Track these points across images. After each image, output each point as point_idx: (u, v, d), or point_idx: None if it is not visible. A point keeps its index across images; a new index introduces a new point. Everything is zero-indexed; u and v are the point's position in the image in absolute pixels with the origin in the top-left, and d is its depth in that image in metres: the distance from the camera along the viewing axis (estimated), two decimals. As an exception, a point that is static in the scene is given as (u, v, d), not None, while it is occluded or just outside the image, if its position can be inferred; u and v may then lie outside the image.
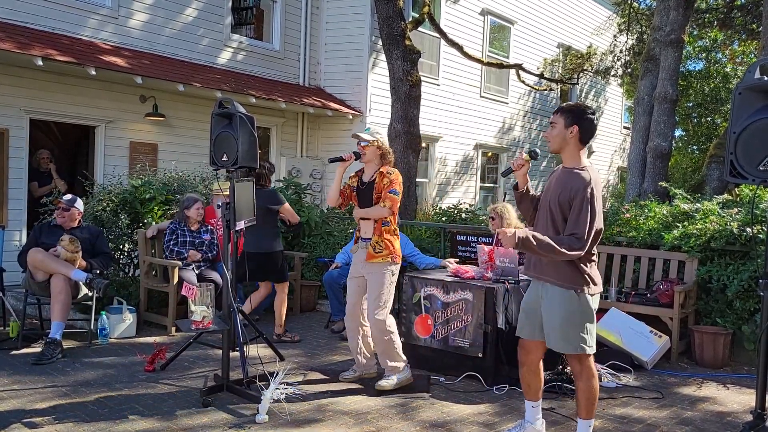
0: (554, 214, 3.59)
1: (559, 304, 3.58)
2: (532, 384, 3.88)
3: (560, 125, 3.59)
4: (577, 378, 3.69)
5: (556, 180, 3.66)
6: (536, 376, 3.87)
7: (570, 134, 3.58)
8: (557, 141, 3.62)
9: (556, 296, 3.60)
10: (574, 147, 3.61)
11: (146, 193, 7.21)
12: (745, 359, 5.94)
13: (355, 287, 4.90)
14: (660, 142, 9.52)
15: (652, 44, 10.44)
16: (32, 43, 7.83)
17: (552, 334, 3.63)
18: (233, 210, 4.55)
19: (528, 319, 3.79)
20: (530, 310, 3.77)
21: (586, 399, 3.66)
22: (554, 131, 3.62)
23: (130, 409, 4.29)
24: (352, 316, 4.92)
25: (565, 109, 3.64)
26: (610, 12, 18.06)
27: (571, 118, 3.57)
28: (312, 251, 8.17)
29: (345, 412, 4.39)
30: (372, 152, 4.73)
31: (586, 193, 3.47)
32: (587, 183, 3.49)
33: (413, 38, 9.75)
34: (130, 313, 6.24)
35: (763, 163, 3.22)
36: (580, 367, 3.65)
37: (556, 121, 3.62)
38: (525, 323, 3.81)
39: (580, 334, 3.57)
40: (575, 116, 3.57)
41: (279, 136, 11.50)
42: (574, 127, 3.56)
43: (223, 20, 10.61)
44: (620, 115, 20.25)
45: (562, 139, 3.60)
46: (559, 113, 3.63)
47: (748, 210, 6.13)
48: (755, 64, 3.32)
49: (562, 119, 3.59)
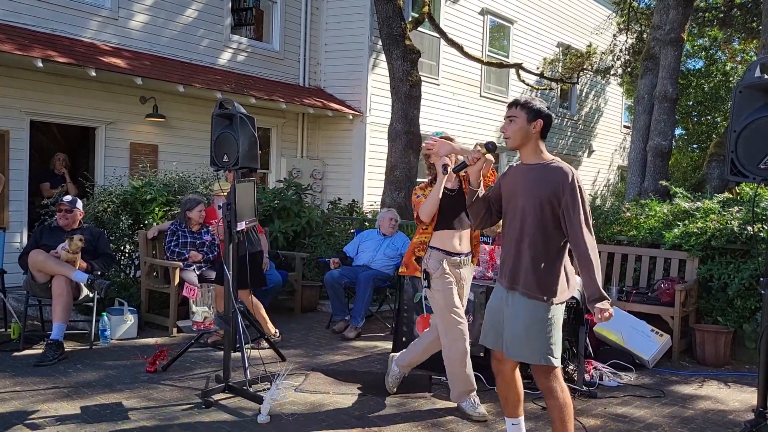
0: (543, 214, 3.28)
1: (524, 312, 3.29)
2: (508, 397, 3.58)
3: (521, 119, 3.33)
4: (547, 395, 3.34)
5: (525, 178, 3.36)
6: (512, 389, 3.55)
7: (534, 129, 3.33)
8: (519, 136, 3.35)
9: (521, 303, 3.31)
10: (537, 142, 3.37)
11: (147, 194, 7.22)
12: (747, 358, 5.94)
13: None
14: (660, 141, 9.53)
15: (652, 43, 10.44)
16: (32, 44, 7.84)
17: (514, 342, 3.32)
18: (234, 211, 4.55)
19: (491, 328, 3.48)
20: (494, 316, 3.47)
21: (560, 417, 3.31)
22: (514, 126, 3.35)
23: (131, 410, 4.29)
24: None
25: (524, 103, 3.37)
26: (610, 11, 18.06)
27: (534, 112, 3.32)
28: (313, 251, 8.18)
29: (346, 412, 4.39)
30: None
31: (574, 184, 3.24)
32: (571, 174, 3.27)
33: (413, 38, 9.75)
34: (131, 314, 6.24)
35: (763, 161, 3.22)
36: (548, 384, 3.31)
37: (516, 115, 3.34)
38: (489, 330, 3.50)
39: (548, 345, 3.26)
40: (537, 110, 3.33)
41: (279, 137, 11.50)
42: (539, 122, 3.33)
43: (223, 21, 10.62)
44: (620, 114, 20.25)
45: (525, 134, 3.34)
46: (518, 107, 3.36)
47: (748, 208, 6.13)
48: (755, 62, 3.32)
49: (523, 113, 3.33)
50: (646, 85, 10.33)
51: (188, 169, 8.33)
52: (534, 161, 3.37)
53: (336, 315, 6.80)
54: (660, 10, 10.33)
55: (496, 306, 3.48)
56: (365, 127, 11.59)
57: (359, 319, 6.56)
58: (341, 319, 6.75)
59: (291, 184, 8.77)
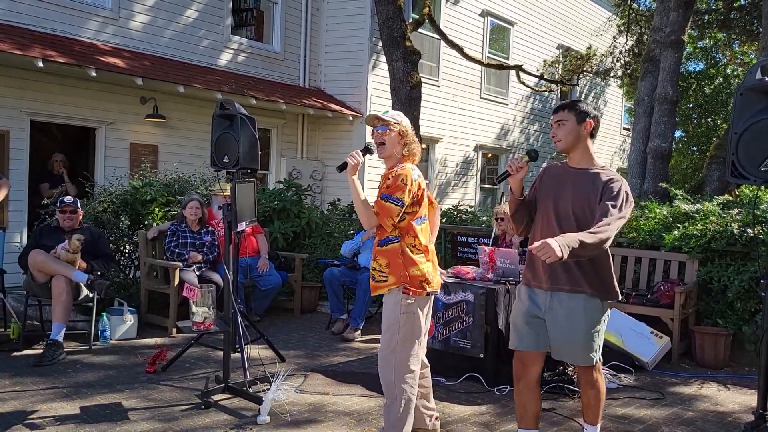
0: (586, 221, 3.23)
1: (584, 312, 3.29)
2: (528, 406, 3.44)
3: (571, 121, 3.31)
4: (590, 387, 3.45)
5: (574, 182, 3.33)
6: (534, 395, 3.45)
7: (584, 130, 3.32)
8: (569, 139, 3.33)
9: (579, 305, 3.28)
10: (587, 144, 3.36)
11: (147, 194, 7.22)
12: (746, 360, 5.94)
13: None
14: (660, 143, 9.54)
15: (652, 45, 10.45)
16: (33, 44, 7.84)
17: (568, 346, 3.34)
18: (234, 211, 4.55)
19: (531, 330, 3.39)
20: (532, 320, 3.40)
21: (598, 405, 3.49)
22: (565, 128, 3.33)
23: (131, 410, 4.29)
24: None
25: (572, 105, 3.36)
26: (610, 13, 18.07)
27: (584, 114, 3.32)
28: (313, 252, 8.17)
29: (346, 412, 4.39)
30: (393, 142, 3.58)
31: (622, 189, 3.22)
32: (621, 181, 3.25)
33: (413, 39, 9.76)
34: (130, 314, 6.24)
35: (764, 163, 3.22)
36: (593, 377, 3.43)
37: (565, 118, 3.33)
38: (526, 334, 3.40)
39: (599, 345, 3.37)
40: (586, 111, 3.33)
41: (279, 138, 11.51)
42: (588, 122, 3.32)
43: (224, 22, 10.62)
44: (620, 116, 20.27)
45: (576, 136, 3.32)
46: (566, 110, 3.34)
47: (748, 211, 6.14)
48: (756, 65, 3.33)
49: (572, 115, 3.32)
50: (646, 87, 10.34)
51: (188, 169, 8.33)
52: (584, 166, 3.36)
53: (334, 313, 6.80)
54: (660, 12, 10.34)
55: (531, 310, 3.39)
56: (365, 128, 11.60)
57: (359, 320, 6.57)
58: (339, 317, 6.75)
59: (291, 185, 8.77)
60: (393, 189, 3.45)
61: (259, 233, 7.20)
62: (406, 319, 3.49)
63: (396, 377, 3.48)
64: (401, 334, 3.47)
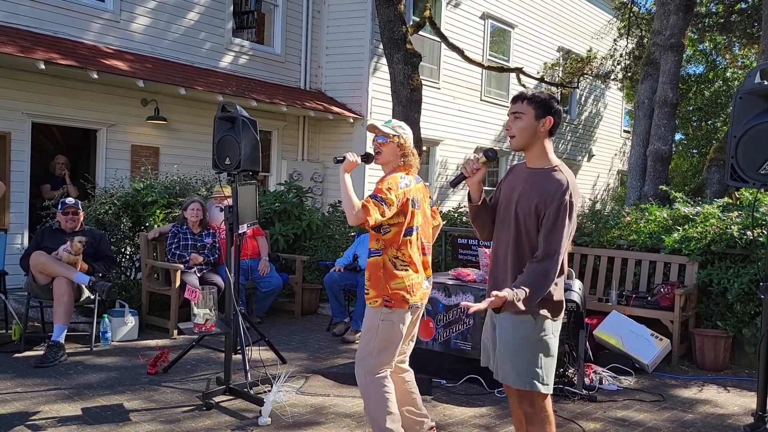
0: (526, 226, 2.90)
1: (513, 329, 2.92)
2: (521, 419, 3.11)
3: (529, 116, 2.90)
4: (528, 422, 2.99)
5: (524, 183, 2.96)
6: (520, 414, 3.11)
7: (542, 127, 2.91)
8: (525, 136, 2.91)
9: (508, 321, 2.93)
10: (545, 142, 2.95)
11: (148, 196, 7.23)
12: (746, 362, 5.95)
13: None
14: (660, 146, 9.55)
15: (653, 48, 10.47)
16: (34, 46, 7.86)
17: (500, 364, 3.00)
18: (236, 213, 4.56)
19: (485, 346, 3.16)
20: (485, 333, 3.15)
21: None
22: (521, 123, 2.92)
23: (133, 411, 4.30)
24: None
25: (531, 97, 2.93)
26: (611, 16, 18.10)
27: (543, 109, 2.90)
28: (313, 254, 8.19)
29: (347, 414, 4.40)
30: (390, 152, 3.60)
31: (564, 200, 2.81)
32: (565, 188, 2.83)
33: (414, 42, 9.78)
34: (132, 316, 6.25)
35: (763, 166, 3.23)
36: (532, 409, 2.96)
37: (523, 111, 2.91)
38: (483, 349, 3.17)
39: (534, 368, 2.90)
40: (547, 106, 2.91)
41: (280, 140, 11.52)
42: (548, 119, 2.91)
43: (225, 24, 10.64)
44: (620, 119, 20.29)
45: (532, 133, 2.91)
46: (524, 102, 2.92)
47: (748, 213, 6.15)
48: (756, 68, 3.34)
49: (531, 109, 2.90)
50: (646, 90, 10.35)
51: (189, 171, 8.35)
52: (538, 164, 2.96)
53: (336, 317, 6.81)
54: (660, 15, 10.35)
55: (487, 321, 3.15)
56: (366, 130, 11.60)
57: (360, 322, 6.56)
58: (341, 321, 6.76)
59: (292, 187, 8.78)
60: (378, 191, 3.49)
61: (260, 235, 7.22)
62: (384, 327, 3.49)
63: (368, 378, 3.53)
64: (377, 341, 3.50)
